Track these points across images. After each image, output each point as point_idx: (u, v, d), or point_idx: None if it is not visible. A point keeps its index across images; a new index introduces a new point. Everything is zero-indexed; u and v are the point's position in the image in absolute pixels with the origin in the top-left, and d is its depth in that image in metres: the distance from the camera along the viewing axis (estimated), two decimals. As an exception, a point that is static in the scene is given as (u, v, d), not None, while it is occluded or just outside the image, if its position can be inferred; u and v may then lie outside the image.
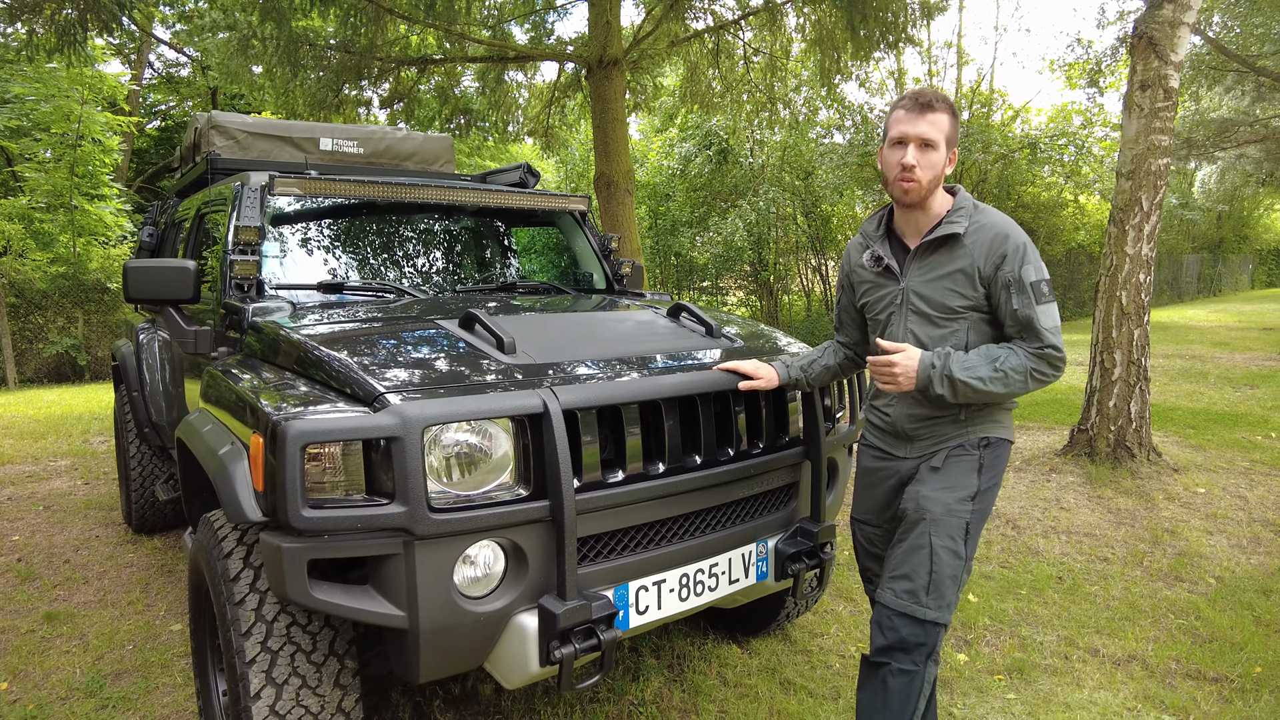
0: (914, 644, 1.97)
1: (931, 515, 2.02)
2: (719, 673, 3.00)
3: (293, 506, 1.70)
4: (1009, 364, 1.97)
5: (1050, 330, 1.98)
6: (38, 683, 3.02)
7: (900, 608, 1.99)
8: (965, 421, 2.11)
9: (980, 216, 2.07)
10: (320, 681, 2.00)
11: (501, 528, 1.88)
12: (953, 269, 2.06)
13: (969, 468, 2.08)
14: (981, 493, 2.07)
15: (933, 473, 2.10)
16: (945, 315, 2.08)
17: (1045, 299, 1.99)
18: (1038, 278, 1.99)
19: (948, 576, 1.99)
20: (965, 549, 2.02)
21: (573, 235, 3.97)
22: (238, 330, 2.74)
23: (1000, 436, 2.13)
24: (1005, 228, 2.04)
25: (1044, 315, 1.98)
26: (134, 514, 4.59)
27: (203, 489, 2.62)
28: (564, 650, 1.88)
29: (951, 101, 2.09)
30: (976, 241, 2.04)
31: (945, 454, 2.11)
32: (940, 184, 2.09)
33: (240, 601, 2.00)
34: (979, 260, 2.03)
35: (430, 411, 1.79)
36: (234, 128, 4.24)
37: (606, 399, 2.03)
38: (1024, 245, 2.01)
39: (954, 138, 2.06)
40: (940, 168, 2.04)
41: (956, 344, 2.07)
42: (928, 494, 2.05)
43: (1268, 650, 3.06)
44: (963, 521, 2.02)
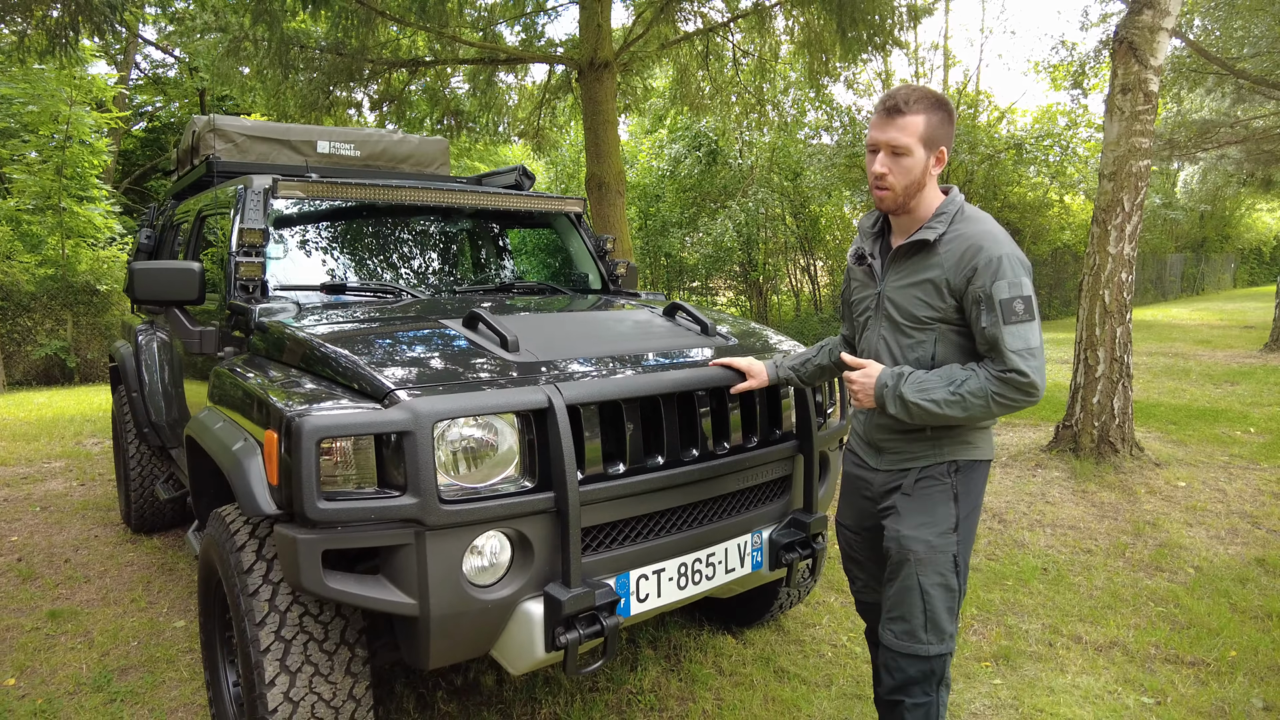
0: (921, 678, 1.98)
1: (916, 556, 1.97)
2: (715, 662, 3.09)
3: (308, 499, 1.77)
4: (967, 387, 1.85)
5: (1018, 353, 1.82)
6: (45, 678, 3.07)
7: (902, 649, 1.98)
8: (933, 439, 2.00)
9: (961, 225, 1.95)
10: (332, 669, 2.07)
11: (508, 518, 1.95)
12: (923, 278, 1.96)
13: (943, 498, 1.99)
14: (962, 521, 2.00)
15: (907, 501, 2.02)
16: (913, 325, 1.99)
17: (1017, 318, 1.83)
18: (1010, 295, 1.84)
19: (943, 610, 1.97)
20: (958, 579, 1.99)
21: (568, 236, 4.05)
22: (243, 330, 2.80)
23: (972, 458, 2.01)
24: (981, 239, 1.89)
25: (1011, 336, 1.82)
26: (133, 514, 4.62)
27: (211, 485, 2.68)
28: (569, 636, 1.96)
29: (934, 97, 1.93)
30: (950, 251, 1.92)
31: (915, 476, 2.02)
32: (923, 187, 1.96)
33: (254, 593, 2.06)
34: (949, 271, 1.91)
35: (440, 407, 1.87)
36: (233, 131, 4.29)
37: (608, 394, 2.11)
38: (998, 260, 1.85)
39: (936, 137, 1.92)
40: (919, 172, 1.92)
41: (923, 355, 1.98)
42: (908, 534, 1.98)
43: (1243, 636, 3.17)
44: (950, 555, 1.97)
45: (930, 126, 1.90)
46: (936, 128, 1.91)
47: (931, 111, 1.91)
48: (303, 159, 4.39)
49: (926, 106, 1.90)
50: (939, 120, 1.92)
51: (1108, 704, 2.74)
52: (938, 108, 1.92)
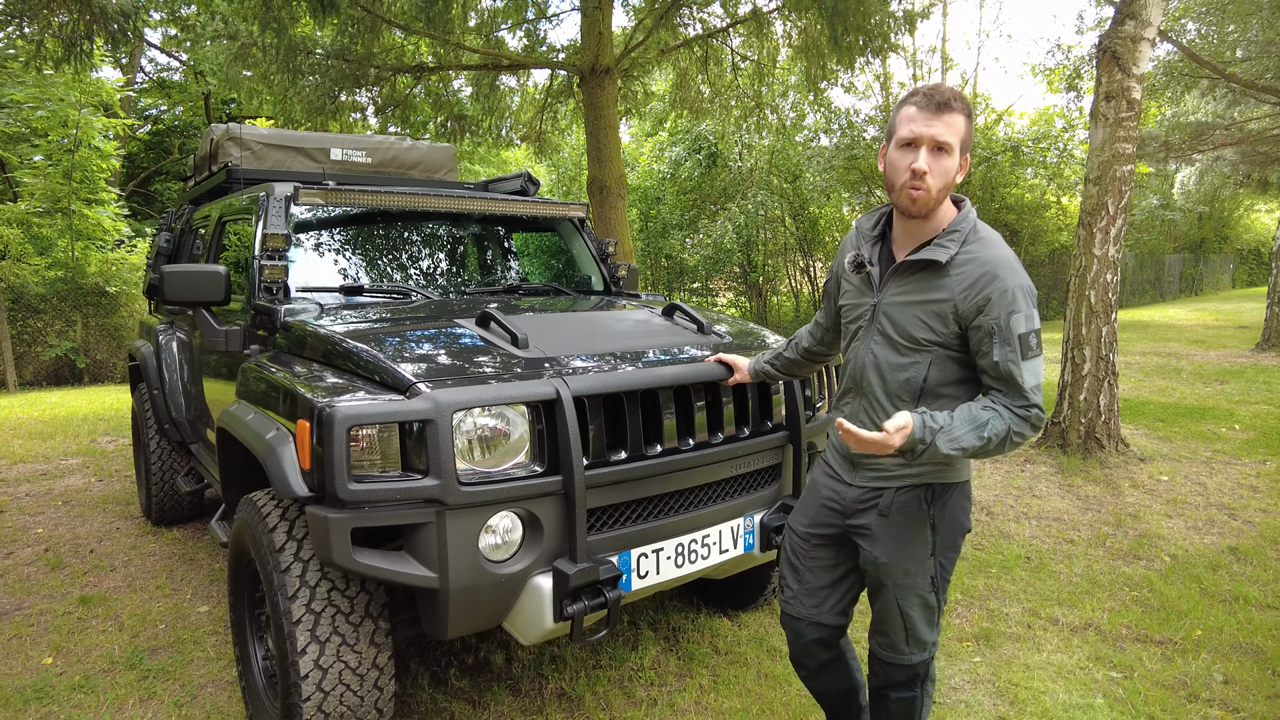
0: (907, 680, 2.08)
1: (894, 582, 1.97)
2: (711, 642, 3.27)
3: (340, 481, 1.96)
4: (992, 429, 1.75)
5: (1034, 389, 1.77)
6: (80, 657, 3.25)
7: (887, 659, 2.07)
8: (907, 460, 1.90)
9: (975, 246, 1.83)
10: (358, 639, 2.25)
11: (520, 499, 2.14)
12: (928, 299, 1.85)
13: (919, 524, 1.95)
14: (940, 546, 1.97)
15: (883, 525, 1.97)
16: (910, 345, 1.88)
17: (1033, 353, 1.77)
18: (1027, 329, 1.76)
19: (922, 626, 2.01)
20: (937, 596, 2.00)
21: (572, 240, 4.24)
22: (268, 329, 2.99)
23: (949, 481, 1.96)
24: (998, 267, 1.79)
25: (1029, 372, 1.76)
26: (153, 507, 4.81)
27: (240, 474, 2.87)
28: (575, 607, 2.15)
29: (968, 101, 1.85)
30: (962, 275, 1.81)
31: (891, 497, 1.95)
32: (949, 194, 1.86)
33: (286, 569, 2.25)
34: (958, 296, 1.80)
35: (458, 398, 2.06)
36: (250, 139, 4.47)
37: (611, 387, 2.29)
38: (1015, 291, 1.77)
39: (969, 142, 1.82)
40: (952, 175, 1.81)
41: (913, 377, 1.89)
42: (885, 562, 1.96)
43: (1209, 617, 3.35)
44: (929, 577, 1.97)
45: (968, 130, 1.81)
46: (970, 132, 1.82)
47: (968, 115, 1.81)
48: (317, 166, 4.57)
49: (965, 109, 1.80)
50: (971, 125, 1.82)
51: (1079, 679, 2.92)
52: (970, 112, 1.83)
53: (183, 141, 22.38)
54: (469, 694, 2.91)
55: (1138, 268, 27.93)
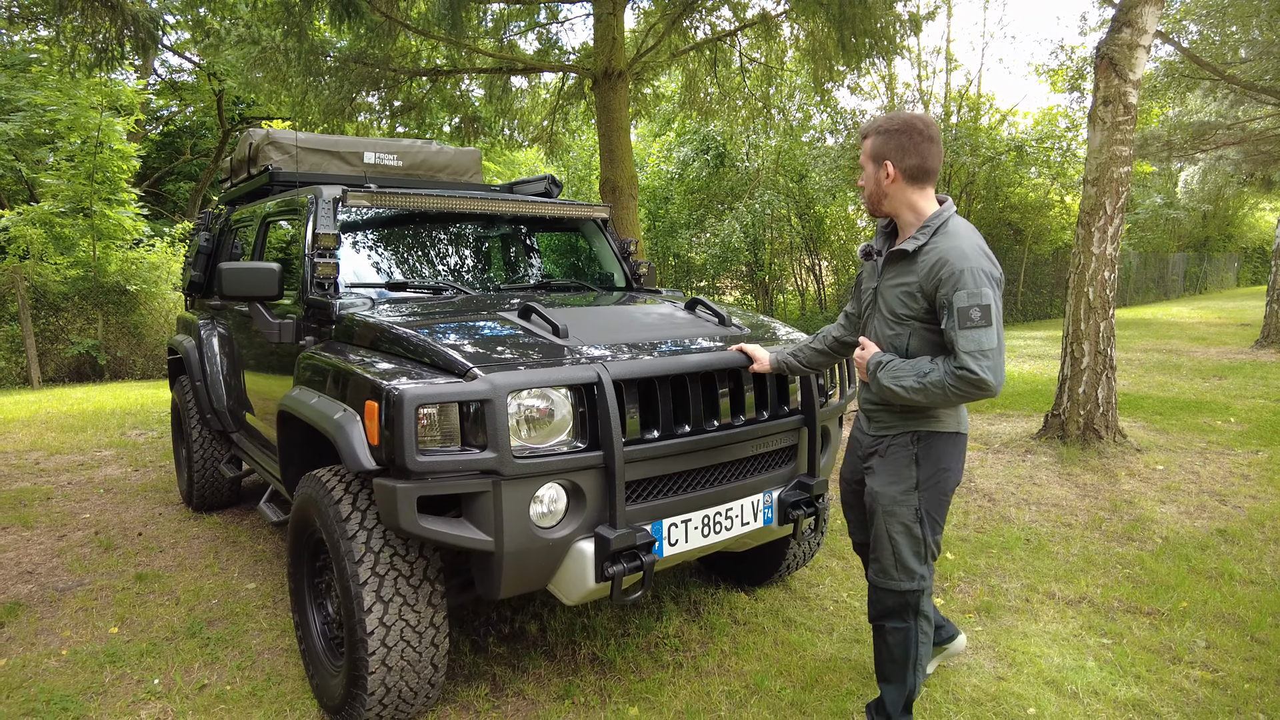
0: (897, 608, 2.42)
1: (883, 508, 2.39)
2: (730, 613, 3.51)
3: (409, 454, 2.20)
4: (930, 378, 2.18)
5: (969, 353, 2.11)
6: (143, 628, 3.51)
7: (878, 583, 2.44)
8: (901, 413, 2.39)
9: (939, 239, 2.25)
10: (417, 600, 2.50)
11: (565, 472, 2.38)
12: (903, 281, 2.31)
13: (905, 461, 2.37)
14: (923, 482, 2.35)
15: (879, 463, 2.43)
16: (895, 320, 2.35)
17: (972, 324, 2.11)
18: (968, 304, 2.12)
19: (909, 554, 2.37)
20: (923, 529, 2.36)
21: (595, 239, 4.48)
22: (321, 322, 3.23)
23: (934, 430, 2.36)
24: (949, 254, 2.19)
25: (964, 339, 2.12)
26: (195, 494, 5.07)
27: (299, 454, 3.12)
28: (615, 569, 2.39)
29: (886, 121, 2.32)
30: (924, 262, 2.25)
31: (889, 442, 2.41)
32: (884, 195, 2.35)
33: (353, 536, 2.49)
34: (922, 279, 2.24)
35: (513, 380, 2.30)
36: (288, 143, 4.72)
37: (646, 372, 2.54)
38: (960, 272, 2.14)
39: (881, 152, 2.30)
40: (878, 182, 2.34)
41: (900, 346, 2.34)
42: (876, 490, 2.41)
43: (1196, 591, 3.58)
44: (913, 509, 2.35)
45: (875, 143, 2.33)
46: (879, 144, 2.32)
47: (875, 134, 2.33)
48: (351, 169, 4.81)
49: (871, 129, 2.35)
50: (880, 140, 2.32)
51: (1072, 645, 3.15)
52: (885, 129, 2.32)
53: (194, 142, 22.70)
54: (508, 659, 3.16)
55: (1142, 266, 28.09)
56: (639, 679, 2.97)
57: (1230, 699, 2.77)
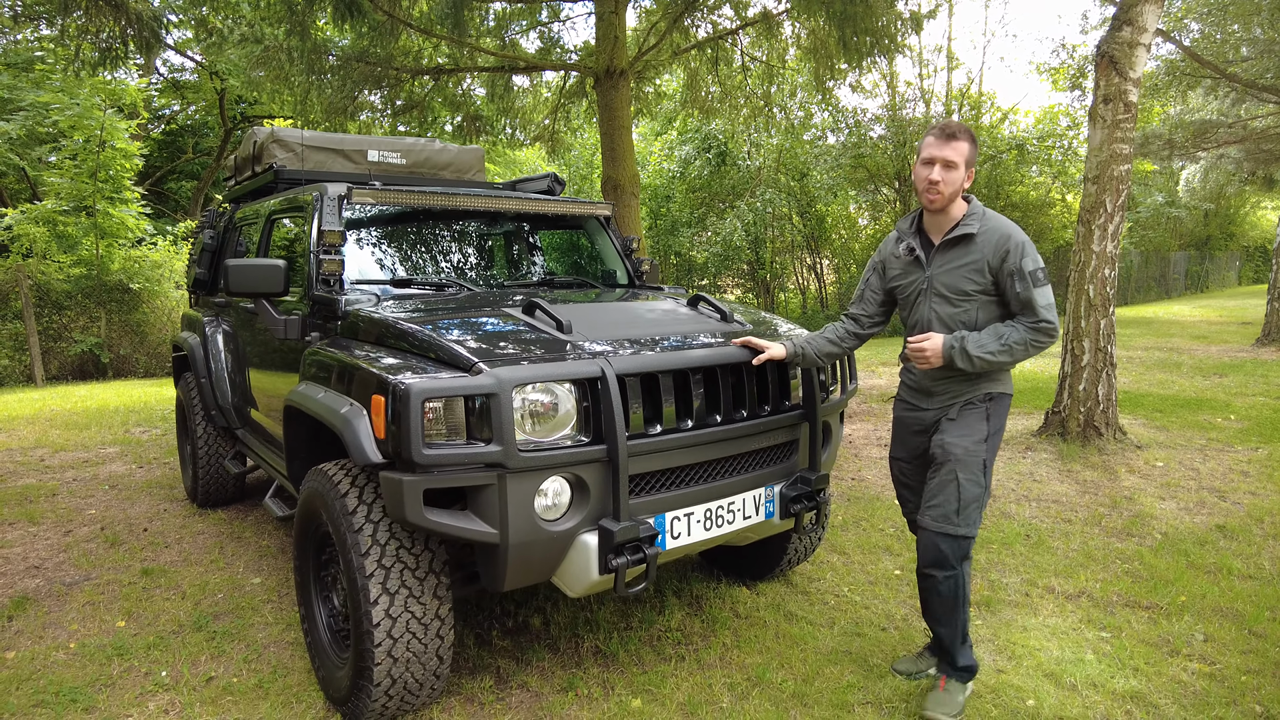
0: (951, 554, 2.61)
1: (955, 457, 2.62)
2: (731, 607, 3.54)
3: (415, 447, 2.23)
4: (1012, 339, 2.54)
5: (1044, 307, 2.53)
6: (150, 621, 3.54)
7: (937, 529, 2.61)
8: (973, 379, 2.69)
9: (988, 221, 2.64)
10: (423, 592, 2.52)
11: (569, 465, 2.41)
12: (967, 261, 2.63)
13: (979, 417, 2.67)
14: (991, 436, 2.66)
15: (950, 423, 2.70)
16: (960, 297, 2.66)
17: (1040, 283, 2.54)
18: (1034, 267, 2.54)
19: (972, 501, 2.60)
20: (984, 479, 2.64)
21: (598, 236, 4.50)
22: (326, 318, 3.26)
23: (1001, 391, 2.71)
24: (1008, 229, 2.60)
25: (1040, 296, 2.53)
26: (199, 490, 5.10)
27: (305, 448, 3.15)
28: (619, 561, 2.42)
29: (971, 131, 2.64)
30: (985, 241, 2.60)
31: (959, 407, 2.70)
32: (959, 195, 2.65)
33: (359, 529, 2.52)
34: (988, 255, 2.59)
35: (518, 375, 2.33)
36: (293, 141, 4.74)
37: (649, 367, 2.56)
38: (1023, 243, 2.57)
39: (972, 159, 2.63)
40: (959, 183, 2.61)
41: (968, 319, 2.66)
42: (950, 440, 2.65)
43: (1194, 585, 3.61)
44: (980, 459, 2.63)
45: (971, 152, 2.62)
46: (973, 153, 2.63)
47: (971, 141, 2.63)
48: (355, 166, 4.83)
49: (969, 137, 2.63)
50: (974, 148, 2.64)
51: (1071, 638, 3.18)
52: (974, 139, 2.65)
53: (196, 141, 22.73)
54: (512, 652, 3.18)
55: (1143, 264, 28.08)
56: (642, 671, 3.00)
57: (1227, 691, 2.79)
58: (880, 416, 7.69)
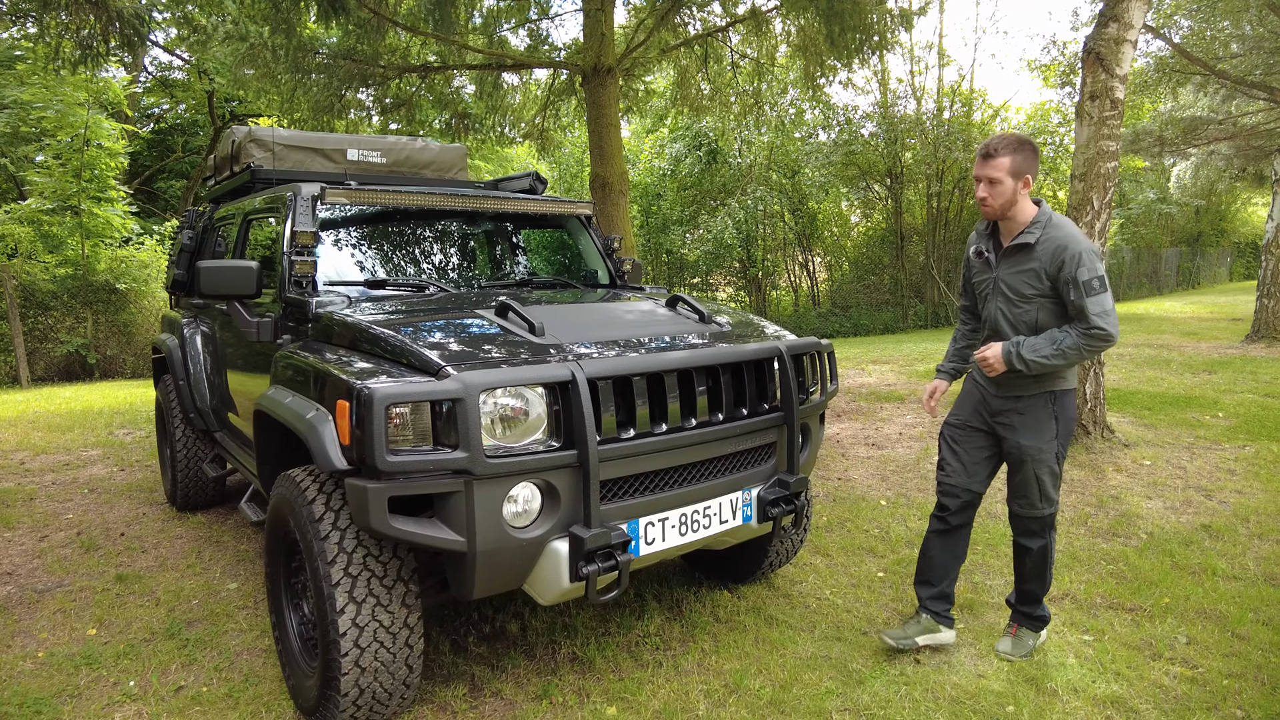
0: (1040, 529, 2.99)
1: (1033, 458, 2.91)
2: (712, 611, 3.50)
3: (379, 453, 2.18)
4: (1065, 344, 2.71)
5: (1096, 315, 2.67)
6: (122, 629, 3.48)
7: (1027, 514, 2.99)
8: (1037, 377, 2.87)
9: (1050, 230, 2.78)
10: (391, 600, 2.48)
11: (539, 471, 2.36)
12: (1026, 267, 2.82)
13: (1046, 417, 2.90)
14: (1060, 431, 2.91)
15: (1020, 419, 2.92)
16: (1021, 299, 2.86)
17: (1095, 292, 2.68)
18: (1089, 277, 2.67)
19: (1050, 487, 2.94)
20: (1059, 466, 2.94)
21: (579, 236, 4.45)
22: (298, 320, 3.20)
23: (1064, 388, 2.90)
24: (1065, 239, 2.73)
25: (1092, 304, 2.68)
26: (178, 493, 5.04)
27: (276, 454, 3.09)
28: (590, 568, 2.37)
29: (1016, 141, 2.77)
30: (1044, 250, 2.77)
31: (1028, 403, 2.91)
32: (1014, 203, 2.81)
33: (325, 537, 2.47)
34: (1045, 264, 2.76)
35: (485, 379, 2.28)
36: (271, 141, 4.67)
37: (621, 370, 2.52)
38: (1080, 252, 2.69)
39: (1021, 169, 2.75)
40: (1009, 194, 2.79)
41: (1029, 320, 2.86)
42: (1026, 444, 2.91)
43: (1179, 587, 3.58)
44: (1054, 453, 2.92)
45: (1014, 163, 2.76)
46: (1020, 163, 2.76)
47: (1013, 153, 2.77)
48: (334, 166, 4.78)
49: (1010, 150, 2.77)
50: (1021, 158, 2.76)
51: (1053, 641, 3.15)
52: (1017, 149, 2.77)
53: (185, 140, 22.58)
54: (487, 658, 3.14)
55: (1135, 261, 28.12)
56: (618, 678, 2.96)
57: (1209, 695, 2.76)
58: (869, 415, 7.66)
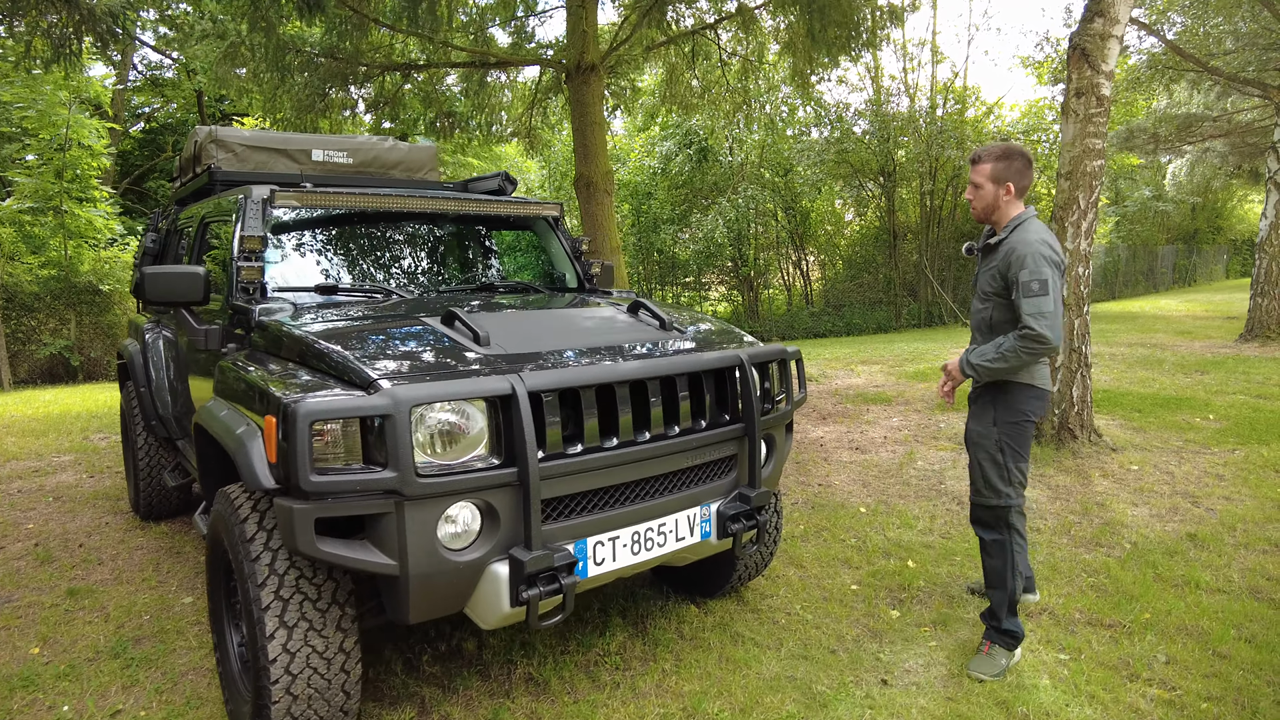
0: (990, 520, 3.05)
1: (973, 443, 3.07)
2: (677, 628, 3.38)
3: (302, 473, 2.06)
4: (1004, 347, 2.86)
5: (1030, 316, 2.79)
6: (66, 648, 3.36)
7: (974, 500, 3.10)
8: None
9: (1015, 234, 2.93)
10: (325, 625, 2.36)
11: (477, 490, 2.24)
12: (990, 266, 3.01)
13: (986, 404, 3.03)
14: (1001, 421, 2.98)
15: (972, 407, 3.11)
16: (983, 297, 3.06)
17: (1032, 294, 2.79)
18: (1029, 279, 2.80)
19: (994, 476, 2.99)
20: (1004, 457, 2.98)
21: (547, 238, 4.33)
22: (245, 329, 3.08)
23: (1018, 381, 2.97)
24: (1018, 245, 2.88)
25: (1027, 305, 2.80)
26: (142, 502, 4.91)
27: (217, 468, 2.97)
28: (530, 593, 2.25)
29: (1001, 150, 2.97)
30: (1003, 252, 2.94)
31: (978, 391, 3.09)
32: (996, 206, 3.01)
33: (256, 558, 2.35)
34: (1000, 264, 2.94)
35: (416, 394, 2.15)
36: (232, 141, 4.55)
37: (566, 383, 2.39)
38: (1025, 256, 2.83)
39: (1002, 176, 2.95)
40: (989, 198, 3.00)
41: (985, 317, 3.06)
42: (969, 428, 3.10)
43: (1160, 601, 3.46)
44: (994, 440, 2.99)
45: (995, 169, 2.97)
46: (1000, 169, 2.96)
47: (997, 160, 2.97)
48: (299, 167, 4.65)
49: (993, 158, 2.98)
50: (1002, 164, 2.96)
51: (1027, 660, 3.03)
52: (1000, 158, 2.96)
53: (176, 139, 22.42)
54: (440, 679, 3.02)
55: (1130, 259, 28.01)
56: (573, 700, 2.84)
57: None
58: (855, 418, 7.54)
